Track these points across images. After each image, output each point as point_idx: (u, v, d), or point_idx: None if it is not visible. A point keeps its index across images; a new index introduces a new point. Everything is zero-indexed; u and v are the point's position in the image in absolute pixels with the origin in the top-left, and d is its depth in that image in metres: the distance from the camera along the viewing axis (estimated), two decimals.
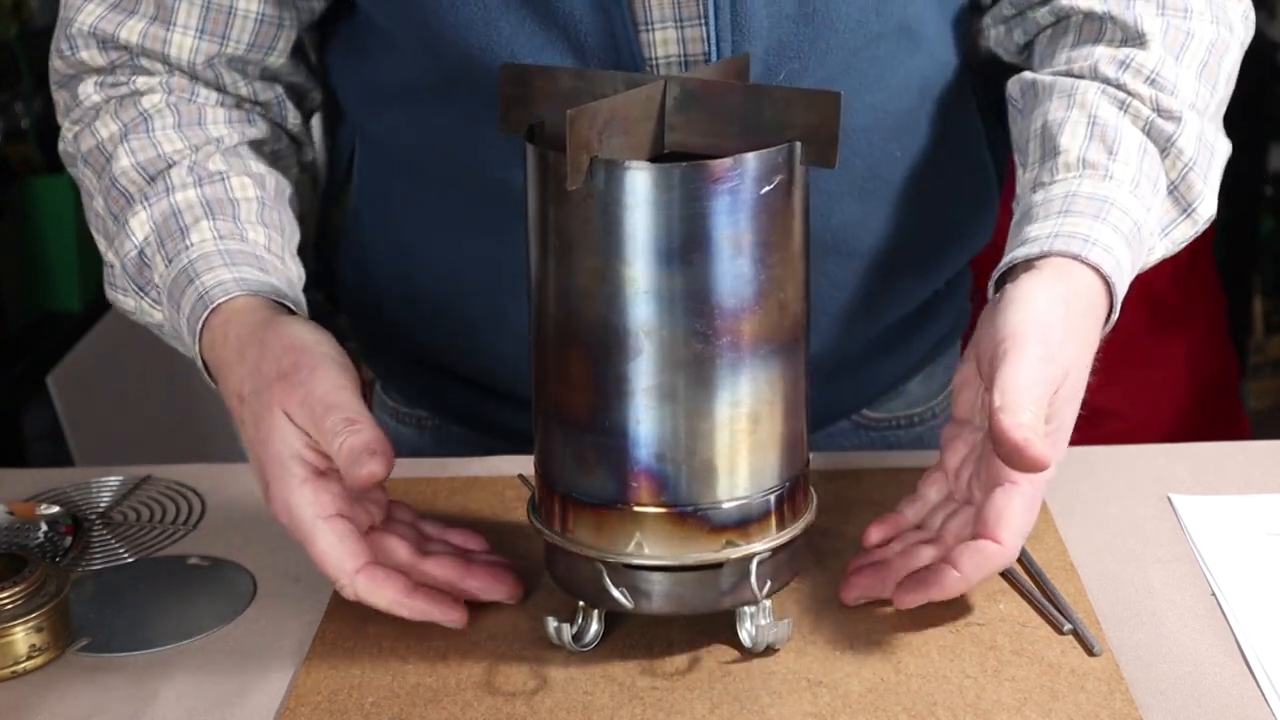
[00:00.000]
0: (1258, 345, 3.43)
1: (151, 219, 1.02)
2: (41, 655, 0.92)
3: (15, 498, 1.12)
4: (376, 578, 0.90)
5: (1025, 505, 0.89)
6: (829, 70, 1.04)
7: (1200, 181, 1.02)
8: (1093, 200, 0.96)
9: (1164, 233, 1.01)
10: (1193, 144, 1.01)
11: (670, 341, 0.83)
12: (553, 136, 0.87)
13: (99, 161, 1.06)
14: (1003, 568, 0.90)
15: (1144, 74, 1.02)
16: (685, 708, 0.86)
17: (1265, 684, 0.87)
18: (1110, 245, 0.94)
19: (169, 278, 1.00)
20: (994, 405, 0.85)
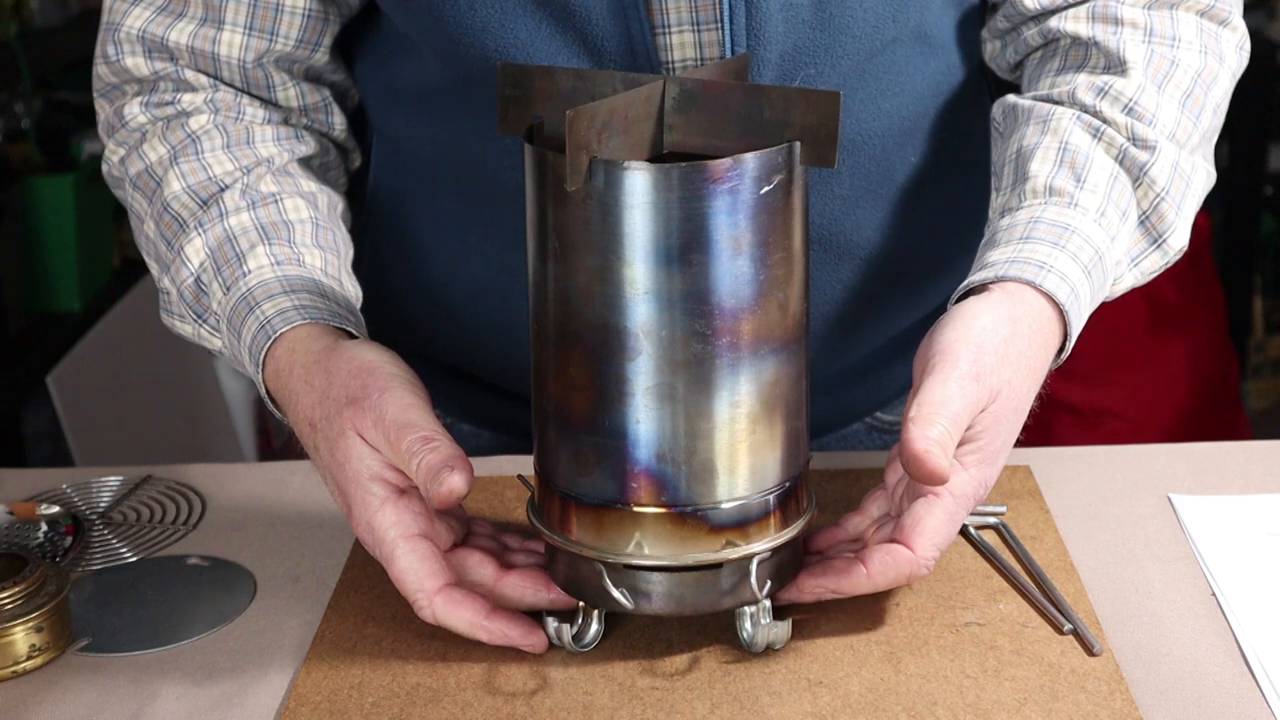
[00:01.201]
0: (1258, 345, 3.43)
1: (207, 245, 1.02)
2: (41, 655, 0.92)
3: (15, 498, 1.12)
4: (454, 599, 0.89)
5: (945, 517, 0.89)
6: (844, 75, 1.04)
7: (1173, 212, 1.01)
8: (1054, 227, 0.96)
9: (1133, 262, 1.01)
10: (1166, 174, 1.01)
11: (670, 342, 0.83)
12: (552, 137, 0.87)
13: (149, 186, 1.06)
14: (913, 576, 0.89)
15: (1121, 102, 1.01)
16: (685, 708, 0.86)
17: (1265, 684, 0.87)
18: (1066, 273, 0.94)
19: (228, 305, 1.00)
20: (908, 415, 0.86)
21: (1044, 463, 1.11)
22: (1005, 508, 1.04)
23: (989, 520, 1.03)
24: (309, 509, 1.09)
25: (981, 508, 1.04)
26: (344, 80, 1.14)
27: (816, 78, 1.03)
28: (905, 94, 1.08)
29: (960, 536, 1.02)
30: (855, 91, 1.05)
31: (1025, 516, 1.04)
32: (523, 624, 0.90)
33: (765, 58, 1.01)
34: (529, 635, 0.90)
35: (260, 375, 0.97)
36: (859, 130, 1.06)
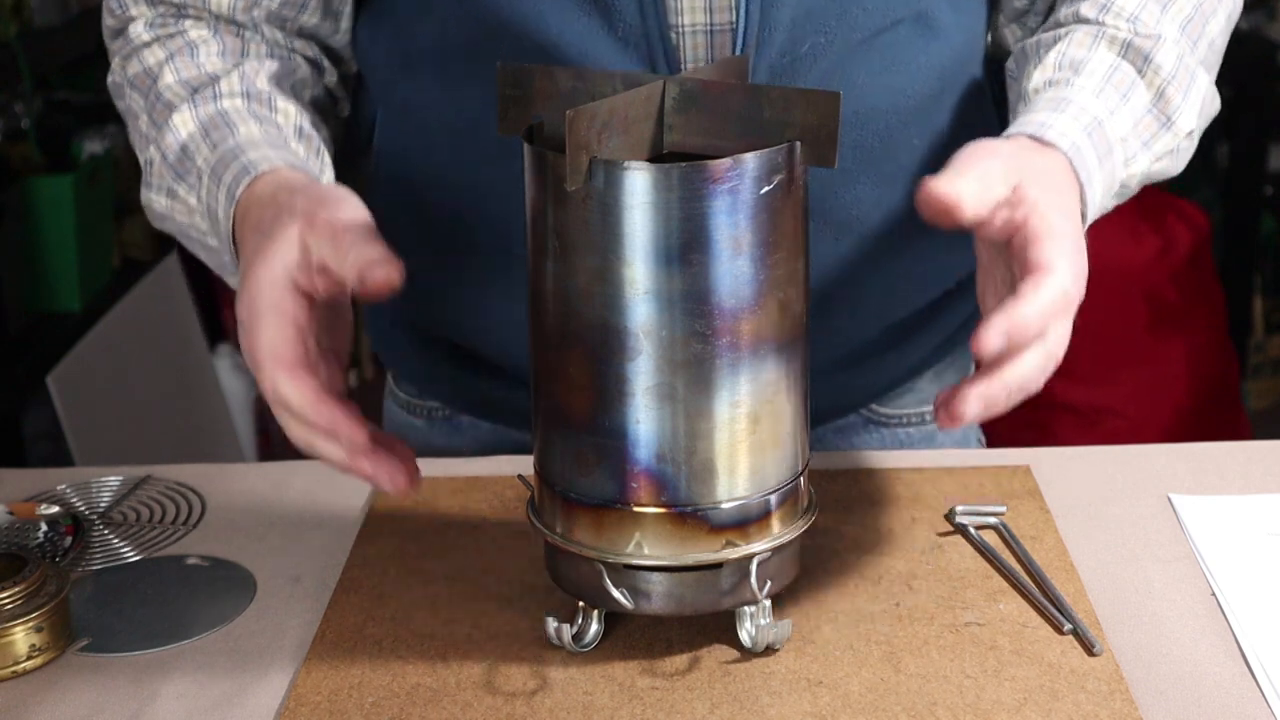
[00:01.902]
0: (1258, 345, 3.43)
1: (196, 118, 1.04)
2: (41, 655, 0.92)
3: (15, 498, 1.12)
4: (300, 377, 0.86)
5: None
6: (852, 46, 1.04)
7: (1179, 95, 1.03)
8: (1052, 100, 0.99)
9: (1145, 144, 1.03)
10: (1171, 61, 1.03)
11: (670, 342, 0.83)
12: (552, 137, 0.87)
13: (145, 83, 1.08)
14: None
15: (1125, 15, 1.04)
16: (685, 708, 0.86)
17: (1265, 684, 0.87)
18: (1066, 130, 0.96)
19: (213, 160, 1.01)
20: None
21: (1044, 463, 1.12)
22: (1005, 508, 1.04)
23: (989, 520, 1.03)
24: (309, 509, 1.10)
25: (981, 507, 1.04)
26: (341, 48, 1.15)
27: (826, 46, 1.03)
28: (910, 74, 1.08)
29: (960, 536, 1.02)
30: (862, 64, 1.06)
31: (1025, 516, 1.04)
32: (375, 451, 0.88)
33: (777, 18, 1.01)
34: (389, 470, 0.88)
35: (233, 209, 0.97)
36: (863, 104, 1.06)
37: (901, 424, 1.25)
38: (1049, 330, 0.86)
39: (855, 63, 1.05)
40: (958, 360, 1.27)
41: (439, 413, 1.26)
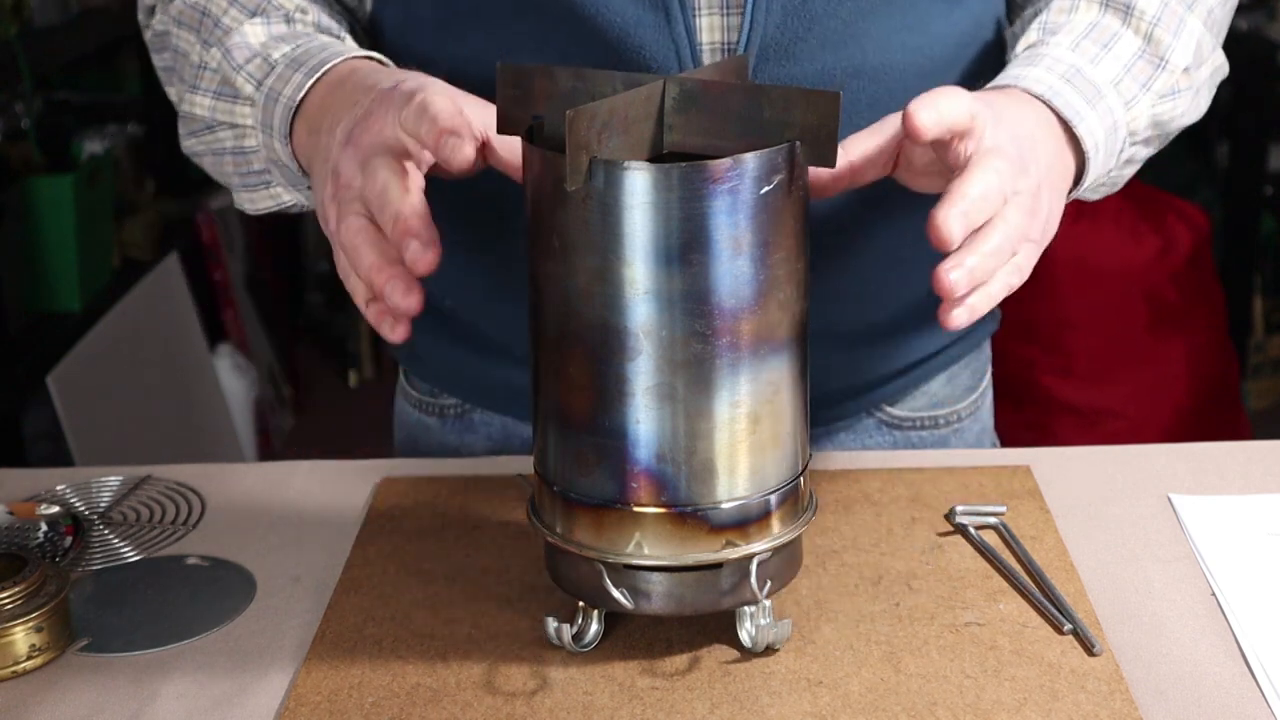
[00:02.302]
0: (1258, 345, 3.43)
1: (269, 30, 1.06)
2: (41, 655, 0.92)
3: (15, 498, 1.12)
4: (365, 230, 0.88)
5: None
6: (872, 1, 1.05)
7: (1168, 35, 1.05)
8: (1025, 58, 1.02)
9: (1145, 86, 1.05)
10: (1155, 6, 1.05)
11: (670, 342, 0.83)
12: (552, 137, 0.87)
13: (193, 17, 1.09)
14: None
15: None
16: (685, 708, 0.86)
17: (1265, 684, 0.87)
18: (1040, 78, 0.98)
19: (296, 52, 1.03)
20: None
21: (1044, 463, 1.12)
22: (1005, 508, 1.04)
23: (989, 520, 1.03)
24: (309, 509, 1.10)
25: (981, 507, 1.04)
26: (363, 16, 1.16)
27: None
28: (929, 35, 1.09)
29: (960, 536, 1.02)
30: (878, 20, 1.06)
31: (1025, 516, 1.04)
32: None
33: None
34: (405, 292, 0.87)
35: (307, 84, 0.99)
36: (881, 59, 1.07)
37: (914, 427, 1.24)
38: (1008, 211, 0.89)
39: (874, 15, 1.06)
40: (972, 364, 1.27)
41: (452, 410, 1.26)
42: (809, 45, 1.04)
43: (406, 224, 0.85)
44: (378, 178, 0.87)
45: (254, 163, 1.08)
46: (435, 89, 0.89)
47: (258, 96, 1.03)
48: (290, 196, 1.07)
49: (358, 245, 0.88)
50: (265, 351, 3.55)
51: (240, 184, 1.10)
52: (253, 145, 1.06)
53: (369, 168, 0.88)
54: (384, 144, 0.89)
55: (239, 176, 1.09)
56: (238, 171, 1.09)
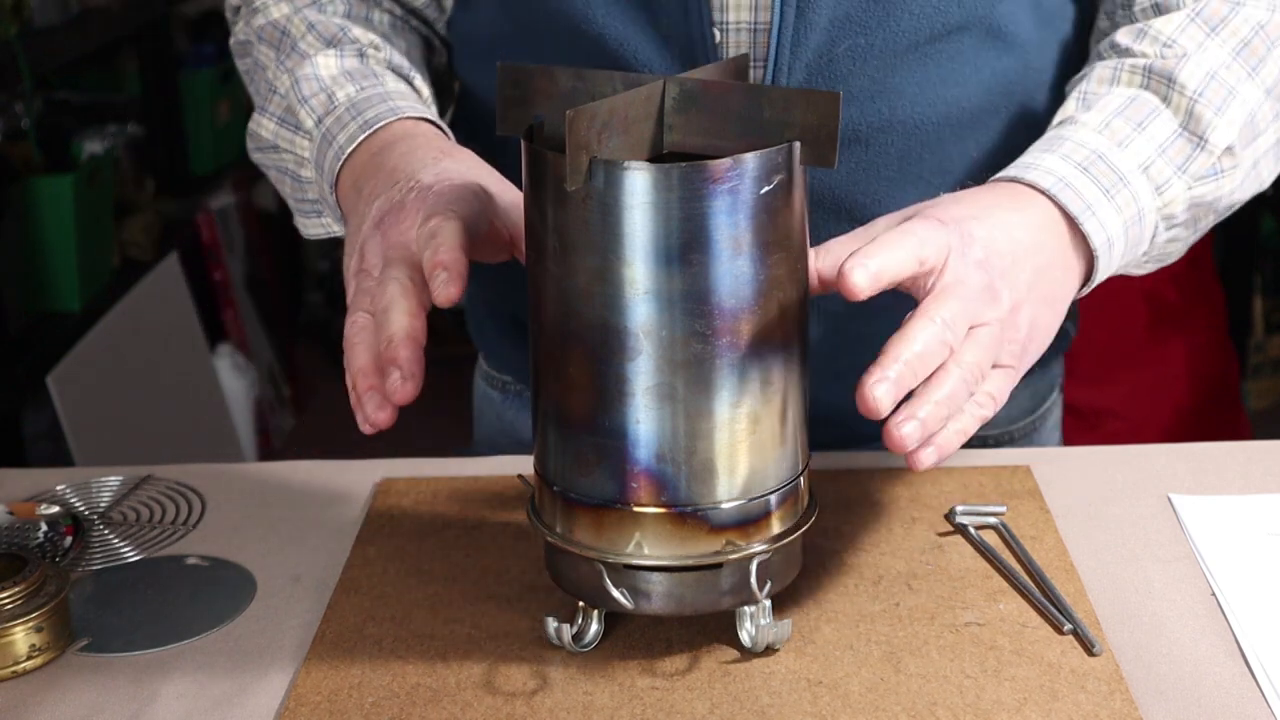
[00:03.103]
0: (1258, 345, 3.43)
1: (341, 63, 1.08)
2: (41, 655, 0.92)
3: (15, 498, 1.12)
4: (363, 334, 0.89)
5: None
6: (898, 53, 1.03)
7: (1210, 112, 1.00)
8: (1048, 140, 0.98)
9: (1181, 169, 0.99)
10: (1199, 79, 1.00)
11: (670, 342, 0.83)
12: (552, 137, 0.87)
13: (273, 35, 1.12)
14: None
15: (1160, 40, 1.02)
16: (685, 708, 0.86)
17: (1265, 684, 0.87)
18: (1052, 168, 0.94)
19: (359, 96, 1.05)
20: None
21: (1044, 463, 1.12)
22: (1005, 508, 1.04)
23: (989, 520, 1.03)
24: (309, 509, 1.10)
25: (981, 507, 1.04)
26: (440, 28, 1.19)
27: (866, 49, 1.02)
28: (968, 86, 1.06)
29: (960, 536, 1.02)
30: (911, 73, 1.04)
31: (1025, 516, 1.04)
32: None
33: (813, 20, 1.01)
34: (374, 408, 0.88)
35: (359, 137, 1.02)
36: (911, 114, 1.05)
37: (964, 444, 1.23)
38: (965, 349, 0.86)
39: (904, 70, 1.04)
40: (1034, 384, 1.25)
41: (512, 387, 1.30)
42: None
43: (395, 352, 0.86)
44: (388, 290, 0.88)
45: (309, 192, 1.10)
46: (458, 207, 0.90)
47: (315, 133, 1.06)
48: (341, 229, 1.09)
49: (355, 344, 0.89)
50: (265, 351, 3.55)
51: (296, 208, 1.13)
52: (308, 176, 1.09)
53: (385, 274, 0.89)
54: (405, 250, 0.90)
55: (295, 201, 1.12)
56: (294, 196, 1.12)
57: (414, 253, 0.90)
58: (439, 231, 0.88)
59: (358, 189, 0.99)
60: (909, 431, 0.83)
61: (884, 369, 0.83)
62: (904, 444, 0.83)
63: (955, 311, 0.86)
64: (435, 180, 0.93)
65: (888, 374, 0.82)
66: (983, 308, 0.87)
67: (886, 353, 0.83)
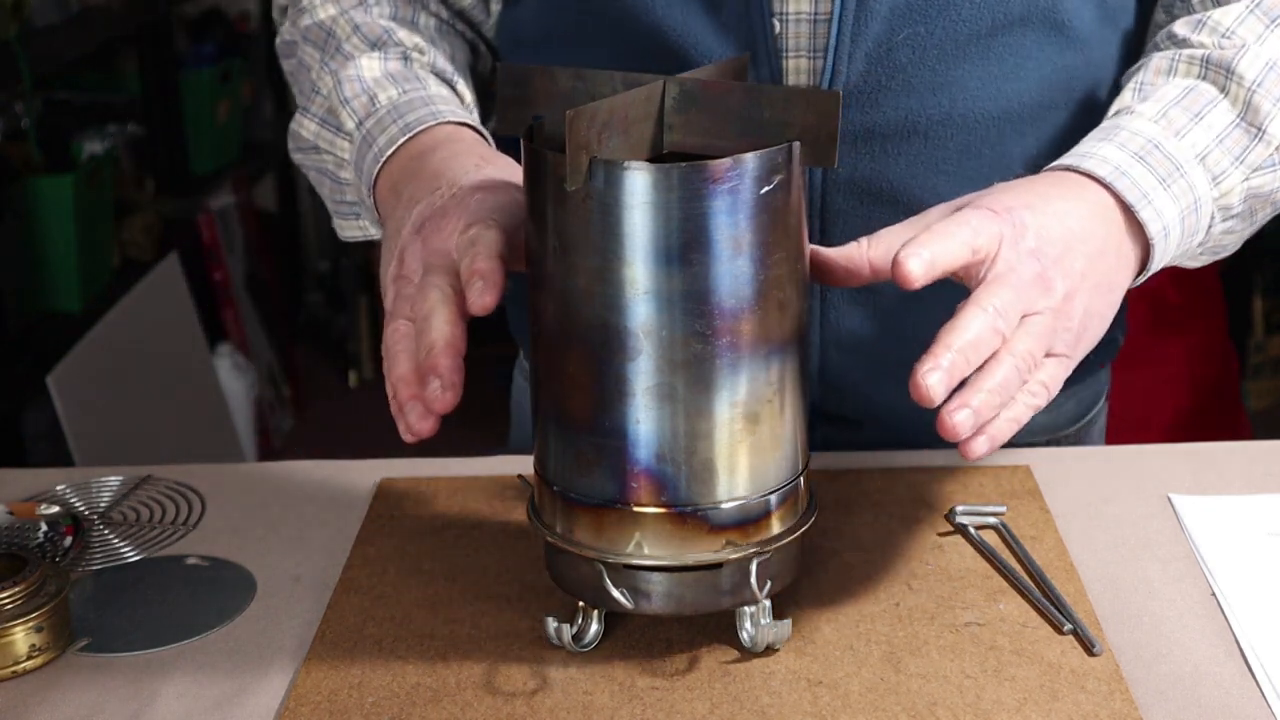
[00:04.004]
0: (1258, 345, 3.43)
1: (384, 66, 1.08)
2: (41, 655, 0.92)
3: (15, 498, 1.12)
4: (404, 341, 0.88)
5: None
6: (958, 44, 1.03)
7: (1268, 103, 0.99)
8: (1103, 129, 0.97)
9: (1238, 160, 0.99)
10: (1258, 68, 1.00)
11: (670, 342, 0.83)
12: (552, 137, 0.87)
13: (319, 35, 1.12)
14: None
15: (1220, 30, 1.02)
16: (685, 708, 0.86)
17: (1265, 684, 0.87)
18: (1108, 156, 0.94)
19: (402, 99, 1.05)
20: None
21: (1044, 463, 1.12)
22: (1005, 508, 1.04)
23: (989, 520, 1.03)
24: (309, 509, 1.10)
25: (981, 507, 1.04)
26: (488, 31, 1.19)
27: (926, 38, 1.02)
28: (1029, 80, 1.05)
29: (960, 536, 1.02)
30: (972, 66, 1.04)
31: (1025, 516, 1.04)
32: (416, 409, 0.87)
33: (874, 9, 1.01)
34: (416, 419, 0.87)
35: (400, 139, 1.02)
36: (970, 107, 1.05)
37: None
38: (1017, 338, 0.86)
39: (965, 63, 1.03)
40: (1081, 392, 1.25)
41: None
42: (892, 92, 1.03)
43: (435, 361, 0.85)
44: (429, 298, 0.88)
45: (347, 194, 1.10)
46: (498, 215, 0.90)
47: (356, 135, 1.06)
48: (377, 232, 1.09)
49: (396, 352, 0.88)
50: (265, 351, 3.56)
51: (334, 210, 1.13)
52: (347, 178, 1.09)
53: (425, 280, 0.89)
54: (446, 257, 0.90)
55: (333, 203, 1.12)
56: (333, 198, 1.12)
57: (454, 260, 0.89)
58: (478, 240, 0.87)
59: (397, 193, 0.99)
60: (962, 420, 0.83)
61: (936, 357, 0.83)
62: (957, 432, 0.83)
63: (1008, 300, 0.86)
64: (477, 187, 0.93)
65: (940, 362, 0.83)
66: (1036, 296, 0.87)
67: (939, 341, 0.83)
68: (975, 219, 0.87)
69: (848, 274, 0.90)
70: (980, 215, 0.88)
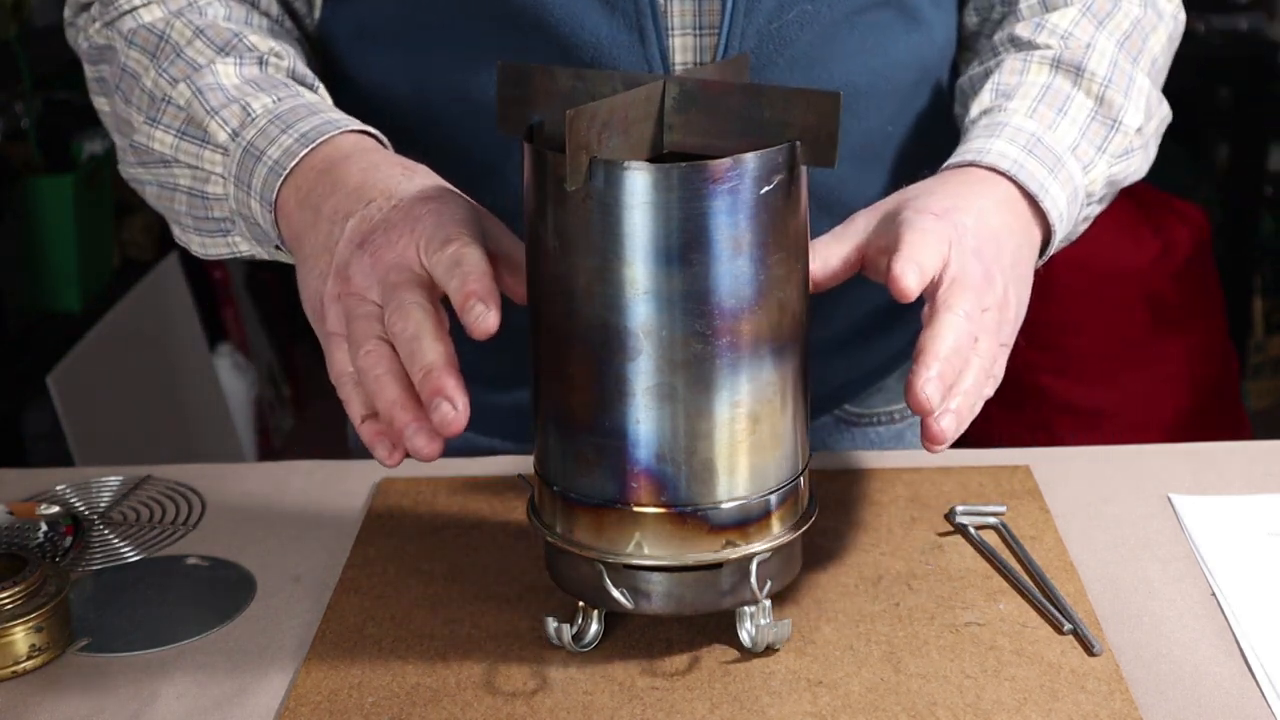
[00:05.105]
0: (1258, 345, 3.43)
1: (241, 72, 1.02)
2: (41, 655, 0.92)
3: (15, 498, 1.12)
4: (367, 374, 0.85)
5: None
6: (837, 21, 1.05)
7: (1119, 96, 1.06)
8: (986, 127, 1.02)
9: (1100, 149, 1.05)
10: (1105, 66, 1.06)
11: (670, 342, 0.83)
12: (552, 137, 0.87)
13: (149, 40, 1.04)
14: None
15: (1058, 32, 1.08)
16: (685, 708, 0.86)
17: (1265, 684, 0.87)
18: (1004, 151, 0.99)
19: (282, 106, 0.99)
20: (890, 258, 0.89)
21: (1044, 463, 1.12)
22: (1005, 508, 1.04)
23: (989, 520, 1.04)
24: (309, 509, 1.10)
25: (981, 507, 1.04)
26: (309, 26, 1.13)
27: (813, 15, 1.04)
28: (888, 56, 1.09)
29: (960, 536, 1.02)
30: (843, 43, 1.07)
31: (1025, 516, 1.04)
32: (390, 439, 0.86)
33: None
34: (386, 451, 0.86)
35: (300, 153, 0.95)
36: (845, 82, 1.08)
37: (871, 423, 1.26)
38: (980, 341, 0.89)
39: (840, 38, 1.06)
40: None
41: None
42: (779, 67, 1.05)
43: (439, 383, 0.82)
44: (411, 318, 0.84)
45: (214, 209, 1.03)
46: (469, 230, 0.87)
47: (232, 147, 0.99)
48: (249, 248, 1.04)
49: (380, 376, 0.85)
50: (265, 351, 3.55)
51: (192, 226, 1.05)
52: (217, 193, 1.02)
53: (398, 299, 0.85)
54: (411, 273, 0.86)
55: (192, 219, 1.05)
56: (191, 213, 1.04)
57: (421, 275, 0.86)
58: (464, 259, 0.84)
59: (312, 207, 0.94)
60: (948, 424, 0.87)
61: (928, 368, 0.86)
62: (944, 437, 0.87)
63: (971, 302, 0.89)
64: (421, 199, 0.89)
65: (931, 373, 0.85)
66: (985, 295, 0.91)
67: (926, 351, 0.86)
68: (928, 224, 0.91)
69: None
70: (927, 220, 0.91)
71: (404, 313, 0.84)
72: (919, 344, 0.87)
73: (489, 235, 0.90)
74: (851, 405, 1.25)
